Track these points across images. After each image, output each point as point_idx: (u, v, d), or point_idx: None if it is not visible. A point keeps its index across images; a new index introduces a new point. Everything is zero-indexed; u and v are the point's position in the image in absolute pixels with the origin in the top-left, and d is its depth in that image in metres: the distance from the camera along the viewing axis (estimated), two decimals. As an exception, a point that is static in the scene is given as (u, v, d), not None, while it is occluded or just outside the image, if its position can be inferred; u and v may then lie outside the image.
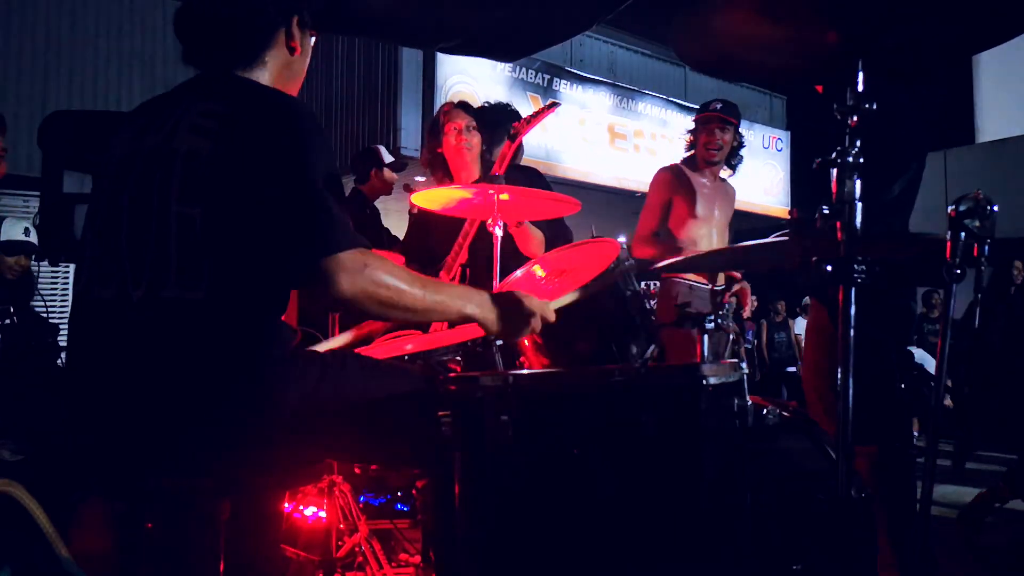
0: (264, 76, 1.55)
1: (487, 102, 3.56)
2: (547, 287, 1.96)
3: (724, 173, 3.82)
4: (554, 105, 2.83)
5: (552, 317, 1.61)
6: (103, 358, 1.41)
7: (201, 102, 1.44)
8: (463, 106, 3.14)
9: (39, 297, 3.88)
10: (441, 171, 3.10)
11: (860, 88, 1.33)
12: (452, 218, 2.71)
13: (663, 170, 3.77)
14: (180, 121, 1.42)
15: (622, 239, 1.89)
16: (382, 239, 4.23)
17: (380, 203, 4.69)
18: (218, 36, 1.53)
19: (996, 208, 1.26)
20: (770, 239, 1.62)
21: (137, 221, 1.39)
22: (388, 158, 4.44)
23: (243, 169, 1.36)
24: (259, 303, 1.41)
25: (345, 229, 1.36)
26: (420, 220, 3.16)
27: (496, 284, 2.22)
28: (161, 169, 1.39)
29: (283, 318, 1.50)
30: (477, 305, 1.52)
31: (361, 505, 2.60)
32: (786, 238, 1.53)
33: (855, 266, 1.30)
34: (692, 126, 3.76)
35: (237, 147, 1.37)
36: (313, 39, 1.67)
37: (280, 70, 1.59)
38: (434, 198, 2.49)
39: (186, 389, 1.34)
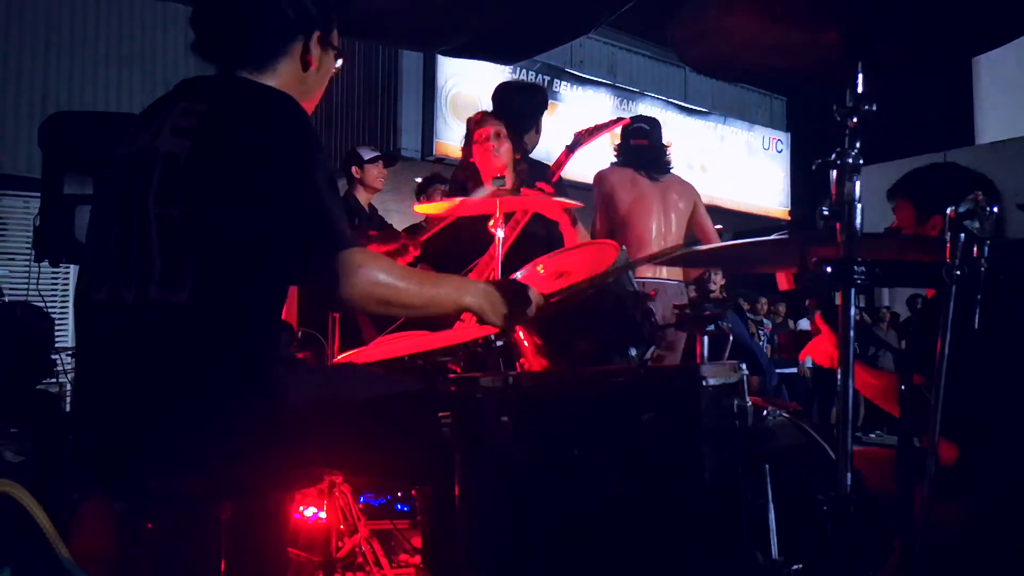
0: (272, 83, 1.52)
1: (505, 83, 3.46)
2: (547, 287, 1.96)
3: None
4: (621, 120, 2.81)
5: (543, 303, 1.59)
6: (101, 359, 1.41)
7: (185, 102, 1.43)
8: (493, 113, 3.10)
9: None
10: (472, 183, 2.96)
11: (860, 89, 1.33)
12: (475, 220, 2.68)
13: None
14: (164, 122, 1.41)
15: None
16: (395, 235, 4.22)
17: (380, 203, 4.69)
18: (229, 33, 1.51)
19: (996, 209, 1.26)
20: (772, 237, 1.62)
21: (123, 223, 1.38)
22: (369, 155, 4.43)
23: (227, 168, 1.34)
24: (248, 305, 1.39)
25: (342, 228, 1.35)
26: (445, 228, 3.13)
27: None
28: (143, 170, 1.38)
29: (283, 318, 1.49)
30: (473, 295, 1.51)
31: (361, 506, 2.60)
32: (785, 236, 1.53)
33: (855, 267, 1.30)
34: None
35: (219, 146, 1.36)
36: (339, 62, 1.64)
37: (291, 82, 1.54)
38: (438, 206, 2.53)
39: (176, 390, 1.33)
